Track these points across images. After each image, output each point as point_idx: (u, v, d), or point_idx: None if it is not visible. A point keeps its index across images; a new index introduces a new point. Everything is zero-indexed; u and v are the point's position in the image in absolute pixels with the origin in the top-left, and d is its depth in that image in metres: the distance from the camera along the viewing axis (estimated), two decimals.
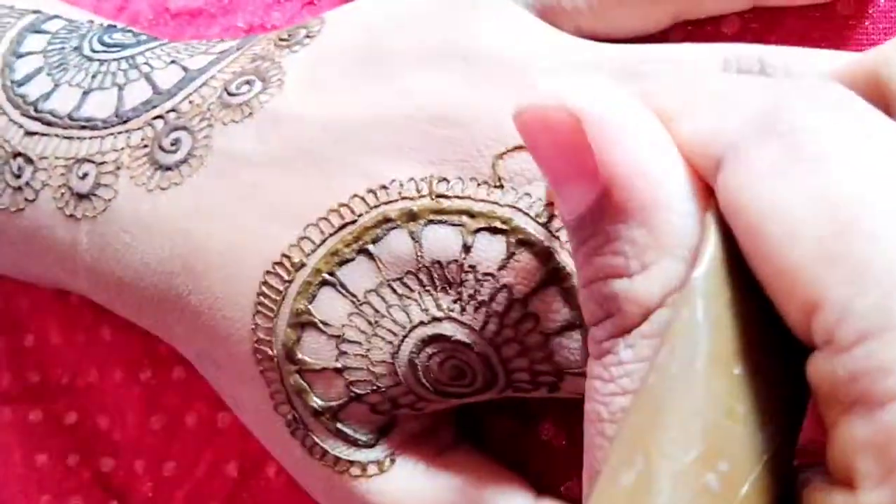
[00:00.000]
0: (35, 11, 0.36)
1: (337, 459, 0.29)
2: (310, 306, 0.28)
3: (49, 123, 0.32)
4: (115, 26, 0.35)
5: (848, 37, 0.29)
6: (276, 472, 0.36)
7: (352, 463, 0.29)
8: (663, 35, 0.30)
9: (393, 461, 0.29)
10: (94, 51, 0.34)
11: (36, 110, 0.33)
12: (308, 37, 0.31)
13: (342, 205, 0.28)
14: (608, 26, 0.30)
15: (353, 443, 0.29)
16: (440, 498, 0.29)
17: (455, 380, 0.28)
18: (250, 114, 0.30)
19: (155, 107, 0.32)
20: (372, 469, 0.29)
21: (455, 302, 0.27)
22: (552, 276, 0.26)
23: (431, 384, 0.28)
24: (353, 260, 0.28)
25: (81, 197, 0.31)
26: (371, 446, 0.29)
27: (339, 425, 0.29)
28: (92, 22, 0.36)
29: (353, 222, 0.28)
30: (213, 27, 0.39)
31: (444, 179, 0.27)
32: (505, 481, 0.30)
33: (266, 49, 0.32)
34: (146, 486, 0.38)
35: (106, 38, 0.34)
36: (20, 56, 0.34)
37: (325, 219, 0.28)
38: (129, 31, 0.35)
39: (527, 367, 0.27)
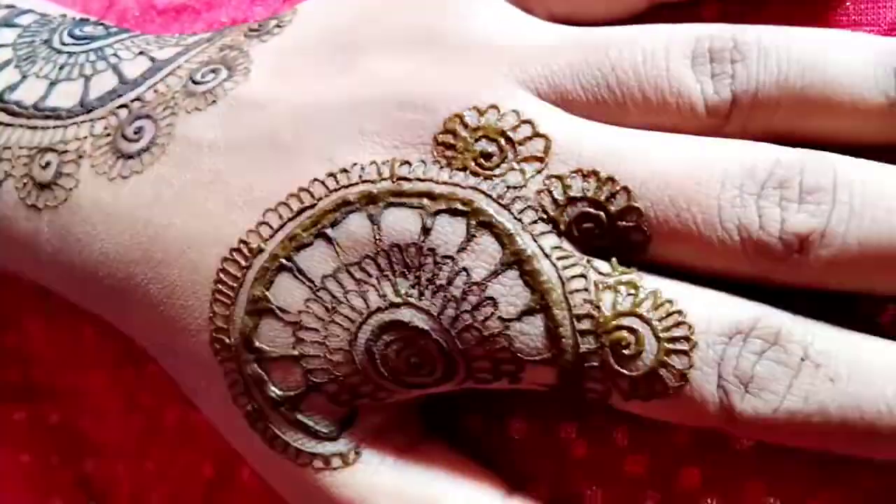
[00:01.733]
0: (9, 6, 0.36)
1: (299, 452, 0.28)
2: (267, 292, 0.27)
3: (14, 114, 0.32)
4: (87, 20, 0.35)
5: (830, 18, 0.28)
6: (251, 473, 0.35)
7: (314, 456, 0.28)
8: (639, 21, 0.29)
9: (358, 454, 0.28)
10: (63, 43, 0.33)
11: (2, 101, 0.32)
12: (278, 26, 0.31)
13: (302, 189, 0.27)
14: (582, 11, 0.29)
15: (315, 435, 0.28)
16: (408, 493, 0.28)
17: (414, 369, 0.27)
18: (214, 101, 0.29)
19: (120, 96, 0.31)
20: (336, 462, 0.28)
21: (413, 287, 0.26)
22: (512, 259, 0.25)
23: (390, 373, 0.27)
24: (311, 244, 0.27)
25: (43, 186, 0.31)
26: (334, 439, 0.28)
27: (299, 416, 0.28)
28: (65, 16, 0.35)
29: (312, 206, 0.27)
30: (198, 23, 0.38)
31: (407, 163, 0.27)
32: (475, 476, 0.29)
33: (235, 39, 0.31)
34: (125, 487, 0.37)
35: (76, 31, 0.34)
36: None
37: (285, 203, 0.27)
38: (101, 24, 0.35)
39: (486, 354, 0.26)
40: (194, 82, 0.30)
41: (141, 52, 0.32)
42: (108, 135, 0.31)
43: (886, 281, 0.25)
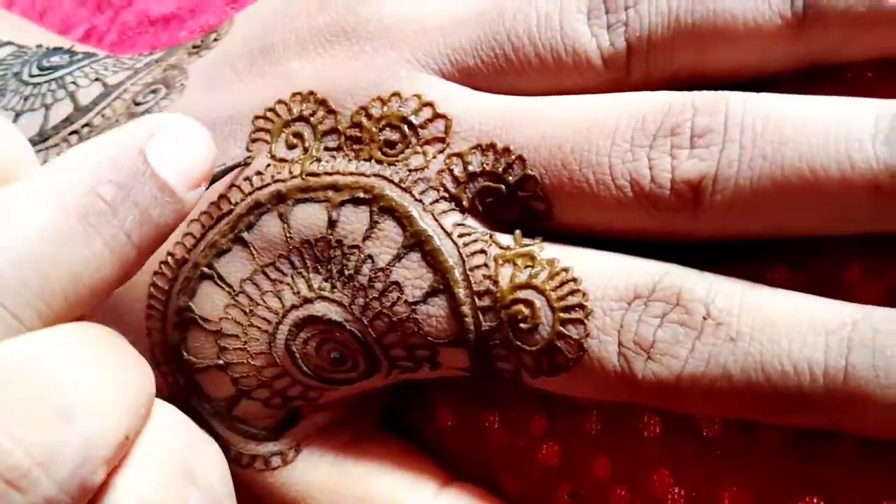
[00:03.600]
0: None
1: (240, 454, 0.28)
2: (190, 302, 0.27)
3: None
4: (60, 48, 0.36)
5: None
6: None
7: (254, 457, 0.28)
8: None
9: (298, 451, 0.28)
10: (31, 75, 0.34)
11: None
12: (216, 40, 0.31)
13: (222, 196, 0.27)
14: None
15: (254, 437, 0.28)
16: (344, 487, 0.28)
17: (336, 365, 0.26)
18: None
19: (73, 122, 0.32)
20: (275, 461, 0.28)
21: (326, 280, 0.26)
22: (413, 240, 0.25)
23: (313, 371, 0.26)
24: (229, 250, 0.27)
25: None
26: (274, 439, 0.28)
27: (234, 422, 0.28)
28: (40, 46, 0.36)
29: (230, 212, 0.27)
30: (183, 30, 0.39)
31: (317, 160, 0.26)
32: (413, 468, 0.28)
33: (180, 58, 0.32)
34: None
35: (44, 62, 0.34)
36: None
37: (206, 212, 0.27)
38: (69, 51, 0.35)
39: (400, 341, 0.25)
40: (136, 104, 0.31)
41: (97, 79, 0.33)
42: None
43: (792, 218, 0.23)
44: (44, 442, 0.20)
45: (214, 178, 0.26)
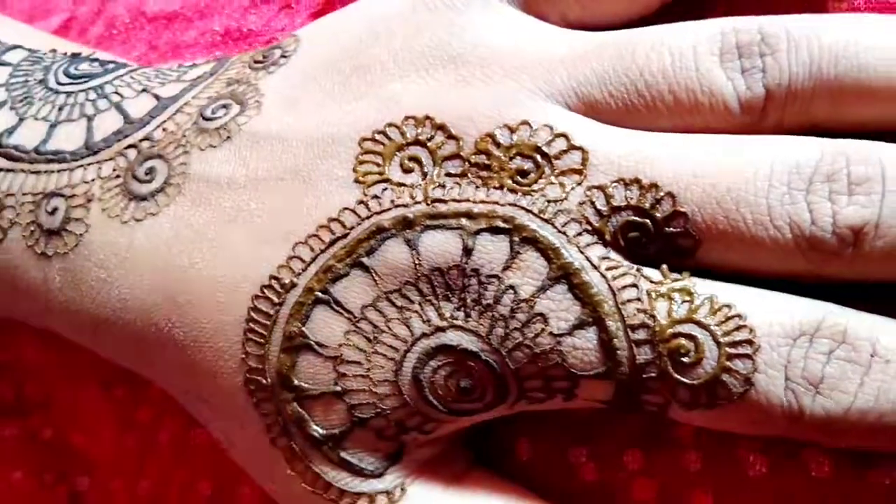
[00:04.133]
0: None
1: (342, 492, 0.27)
2: (303, 328, 0.26)
3: (14, 159, 0.31)
4: (79, 55, 0.34)
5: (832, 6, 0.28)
6: (252, 491, 0.34)
7: (359, 496, 0.27)
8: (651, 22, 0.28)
9: (404, 491, 0.27)
10: (59, 83, 0.32)
11: (0, 145, 0.31)
12: (284, 56, 0.30)
13: (332, 219, 0.26)
14: (595, 14, 0.29)
15: (359, 473, 0.27)
16: None
17: (464, 394, 0.26)
18: (228, 137, 0.29)
19: (127, 136, 0.30)
20: (381, 500, 0.27)
21: (458, 309, 0.26)
22: (560, 273, 0.25)
23: (439, 401, 0.26)
24: (347, 275, 0.26)
25: (52, 233, 0.30)
26: (379, 475, 0.27)
27: (342, 454, 0.27)
28: (55, 51, 0.34)
29: (345, 236, 0.26)
30: (190, 31, 0.37)
31: (440, 185, 0.26)
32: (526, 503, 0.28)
33: (241, 73, 0.31)
34: None
35: (72, 70, 0.33)
36: None
37: (315, 235, 0.26)
38: (96, 59, 0.34)
39: (539, 372, 0.25)
40: (205, 119, 0.29)
41: (144, 90, 0.31)
42: (118, 176, 0.30)
43: None
44: None
45: None
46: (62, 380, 0.37)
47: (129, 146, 0.30)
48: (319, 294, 0.26)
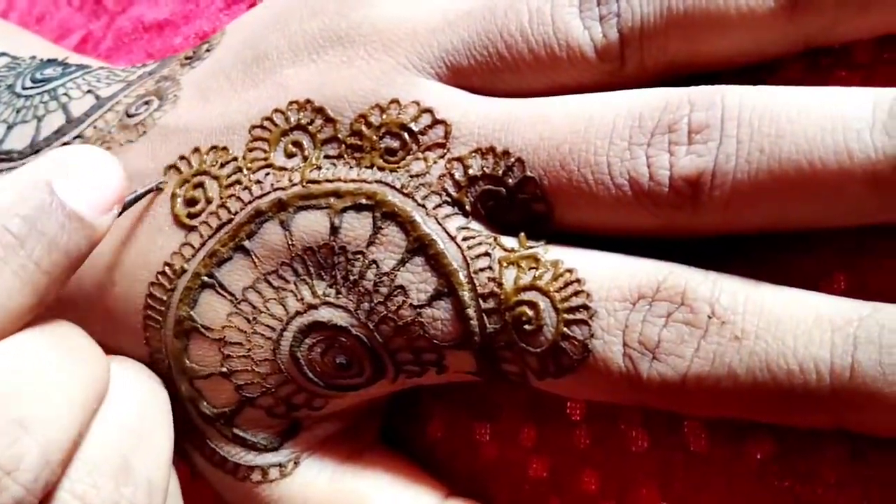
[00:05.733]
0: None
1: (237, 466, 0.28)
2: (192, 312, 0.27)
3: None
4: (54, 60, 0.36)
5: None
6: None
7: (252, 469, 0.28)
8: None
9: (297, 464, 0.28)
10: (24, 87, 0.34)
11: None
12: (208, 51, 0.31)
13: (220, 206, 0.27)
14: None
15: (253, 447, 0.28)
16: (343, 501, 0.28)
17: (342, 370, 0.26)
18: (144, 132, 0.30)
19: (65, 134, 0.31)
20: (273, 473, 0.28)
21: (330, 286, 0.26)
22: (416, 245, 0.25)
23: (319, 377, 0.26)
24: (230, 259, 0.27)
25: None
26: (274, 449, 0.28)
27: (235, 430, 0.28)
28: (34, 58, 0.36)
29: (230, 221, 0.27)
30: (177, 36, 0.39)
31: (318, 167, 0.26)
32: (414, 483, 0.28)
33: (172, 69, 0.32)
34: None
35: (37, 75, 0.34)
36: None
37: (205, 222, 0.27)
38: (63, 64, 0.35)
39: (406, 344, 0.25)
40: (128, 115, 0.30)
41: (89, 90, 0.33)
42: None
43: (791, 211, 0.23)
44: (7, 452, 0.22)
45: (127, 204, 0.27)
46: None
47: (64, 144, 0.31)
48: (205, 278, 0.27)
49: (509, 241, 0.25)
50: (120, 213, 0.26)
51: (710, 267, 0.23)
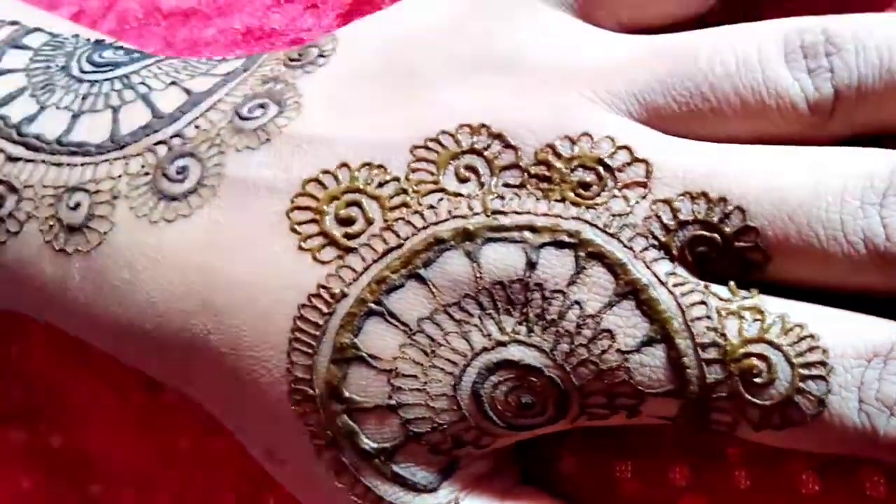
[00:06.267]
0: (12, 23, 0.33)
1: None
2: (355, 339, 0.25)
3: (34, 149, 0.29)
4: (102, 41, 0.32)
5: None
6: (277, 501, 0.33)
7: None
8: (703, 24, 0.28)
9: None
10: (83, 71, 0.31)
11: (19, 133, 0.30)
12: (321, 56, 0.29)
13: (384, 229, 0.26)
14: (649, 15, 0.28)
15: (412, 487, 0.27)
16: None
17: (524, 409, 0.25)
18: (268, 139, 0.27)
19: (156, 131, 0.29)
20: None
21: (521, 324, 0.25)
22: (627, 288, 0.24)
23: (498, 416, 0.26)
24: (402, 286, 0.25)
25: (73, 229, 0.28)
26: (433, 490, 0.27)
27: (395, 468, 0.26)
28: (77, 36, 0.33)
29: (400, 246, 0.25)
30: (209, 28, 0.36)
31: (500, 196, 0.25)
32: None
33: (276, 70, 0.29)
34: None
35: (96, 57, 0.31)
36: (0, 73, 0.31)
37: (367, 245, 0.26)
38: (120, 47, 0.32)
39: (603, 389, 0.25)
40: (241, 118, 0.28)
41: (173, 82, 0.30)
42: (147, 174, 0.28)
43: None
44: None
45: None
46: (74, 383, 0.36)
47: (159, 142, 0.29)
48: (373, 305, 0.25)
49: (722, 290, 0.24)
50: None
51: None
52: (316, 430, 0.26)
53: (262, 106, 0.28)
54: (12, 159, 0.30)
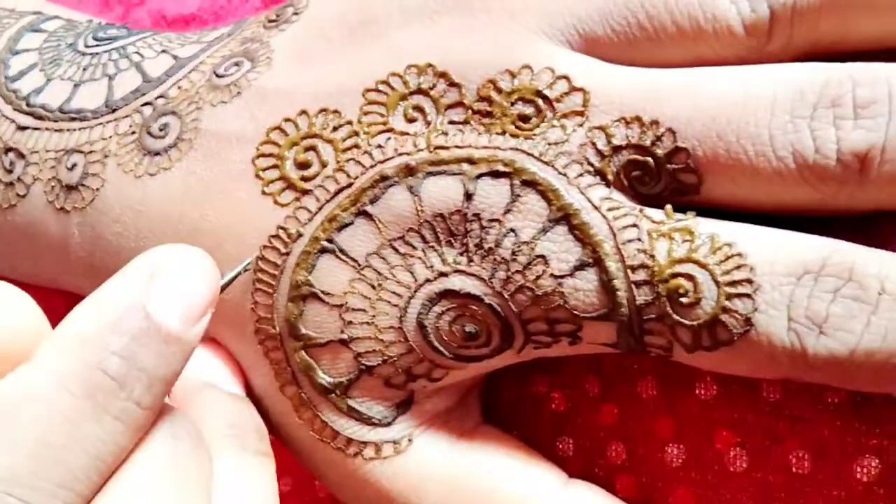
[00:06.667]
0: (36, 13, 0.36)
1: (349, 441, 0.27)
2: (309, 277, 0.26)
3: (40, 117, 0.32)
4: (112, 25, 0.35)
5: None
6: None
7: (365, 444, 0.27)
8: None
9: (411, 441, 0.28)
10: (87, 45, 0.33)
11: (28, 105, 0.32)
12: (295, 14, 0.30)
13: (337, 170, 0.27)
14: None
15: (367, 421, 0.27)
16: (462, 480, 0.27)
17: (469, 340, 0.26)
18: (238, 93, 0.29)
19: (144, 94, 0.31)
20: (387, 450, 0.27)
21: (461, 254, 0.25)
22: (560, 214, 0.25)
23: (445, 347, 0.26)
24: (351, 224, 0.26)
25: (70, 188, 0.30)
26: (387, 424, 0.27)
27: (350, 402, 0.27)
28: (91, 21, 0.35)
29: (350, 185, 0.26)
30: None
31: (443, 133, 0.26)
32: (532, 461, 0.28)
33: (256, 32, 0.31)
34: None
35: (100, 34, 0.33)
36: (16, 53, 0.34)
37: (321, 186, 0.27)
38: (125, 27, 0.34)
39: (542, 314, 0.25)
40: (217, 76, 0.30)
41: (164, 51, 0.32)
42: (133, 133, 0.30)
43: None
44: None
45: (220, 290, 0.25)
46: None
47: (146, 104, 0.30)
48: (325, 243, 0.26)
49: (656, 213, 0.24)
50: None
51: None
52: (278, 366, 0.27)
53: (236, 64, 0.30)
54: (21, 128, 0.32)
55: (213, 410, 0.26)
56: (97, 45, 0.33)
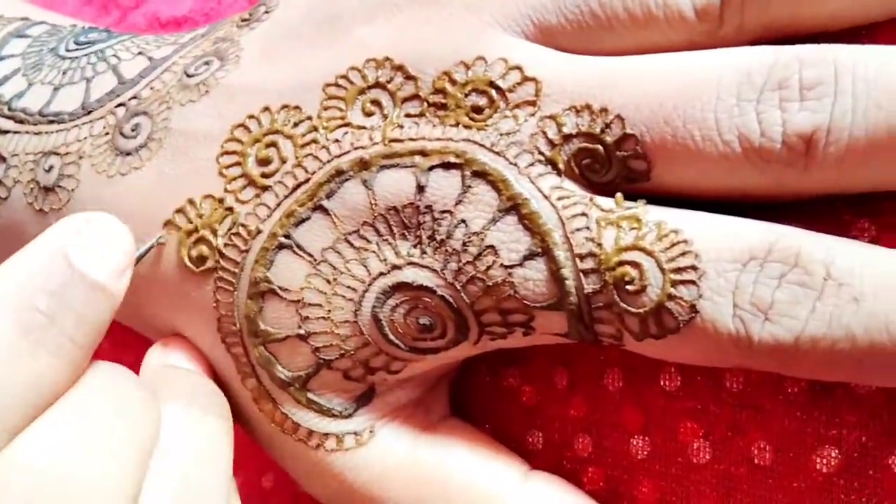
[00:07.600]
0: (23, 19, 0.36)
1: (310, 433, 0.27)
2: (267, 273, 0.27)
3: (21, 121, 0.32)
4: (95, 28, 0.35)
5: None
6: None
7: (326, 436, 0.27)
8: None
9: (373, 433, 0.28)
10: (68, 50, 0.33)
11: (9, 109, 0.33)
12: (266, 12, 0.31)
13: (296, 165, 0.27)
14: None
15: (327, 413, 0.27)
16: (424, 472, 0.27)
17: (424, 332, 0.26)
18: (207, 91, 0.29)
19: (118, 95, 0.31)
20: (349, 441, 0.27)
21: (415, 247, 0.25)
22: (509, 204, 0.25)
23: (400, 339, 0.26)
24: (308, 219, 0.26)
25: (48, 190, 0.31)
26: (348, 416, 0.27)
27: (310, 395, 0.27)
28: (75, 25, 0.36)
29: (307, 180, 0.26)
30: None
31: (399, 126, 0.26)
32: (495, 455, 0.28)
33: (228, 31, 0.31)
34: None
35: (81, 38, 0.34)
36: (0, 59, 0.34)
37: (280, 182, 0.27)
38: (106, 31, 0.35)
39: (494, 305, 0.25)
40: (188, 75, 0.30)
41: (140, 52, 0.32)
42: (107, 133, 0.30)
43: None
44: None
45: (136, 261, 0.26)
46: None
47: (119, 105, 0.31)
48: (282, 239, 0.26)
49: (606, 202, 0.24)
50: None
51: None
52: (239, 361, 0.28)
53: (206, 63, 0.30)
54: (3, 132, 0.33)
55: (168, 379, 0.27)
56: (77, 49, 0.33)
